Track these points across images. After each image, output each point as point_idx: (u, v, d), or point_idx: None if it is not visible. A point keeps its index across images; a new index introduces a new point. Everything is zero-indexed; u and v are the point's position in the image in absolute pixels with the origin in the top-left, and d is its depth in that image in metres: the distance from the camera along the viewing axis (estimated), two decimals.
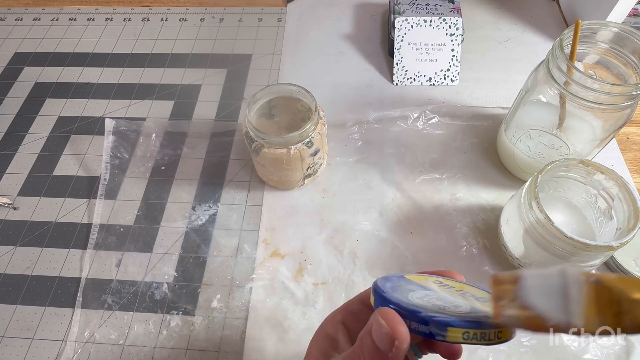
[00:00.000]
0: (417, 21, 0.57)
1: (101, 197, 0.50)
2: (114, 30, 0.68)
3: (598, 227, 0.40)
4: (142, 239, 0.47)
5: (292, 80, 0.59)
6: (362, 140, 0.53)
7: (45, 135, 0.56)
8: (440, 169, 0.50)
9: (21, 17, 0.70)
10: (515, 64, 0.60)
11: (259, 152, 0.43)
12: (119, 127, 0.54)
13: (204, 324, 0.42)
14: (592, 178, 0.38)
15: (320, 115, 0.45)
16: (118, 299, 0.44)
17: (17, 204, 0.51)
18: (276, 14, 0.68)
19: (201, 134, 0.55)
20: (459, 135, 0.53)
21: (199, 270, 0.45)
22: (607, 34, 0.39)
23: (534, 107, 0.42)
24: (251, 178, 0.51)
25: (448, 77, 0.58)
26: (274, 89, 0.45)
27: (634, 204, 0.35)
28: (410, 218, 0.47)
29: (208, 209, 0.49)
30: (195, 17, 0.69)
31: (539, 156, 0.44)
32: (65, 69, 0.63)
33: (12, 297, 0.44)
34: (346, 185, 0.50)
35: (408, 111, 0.54)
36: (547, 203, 0.37)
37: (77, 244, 0.47)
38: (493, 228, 0.46)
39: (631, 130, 0.53)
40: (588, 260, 0.35)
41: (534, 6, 0.66)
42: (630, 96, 0.35)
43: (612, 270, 0.43)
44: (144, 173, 0.52)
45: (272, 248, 0.46)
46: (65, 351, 0.41)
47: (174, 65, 0.62)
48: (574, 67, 0.36)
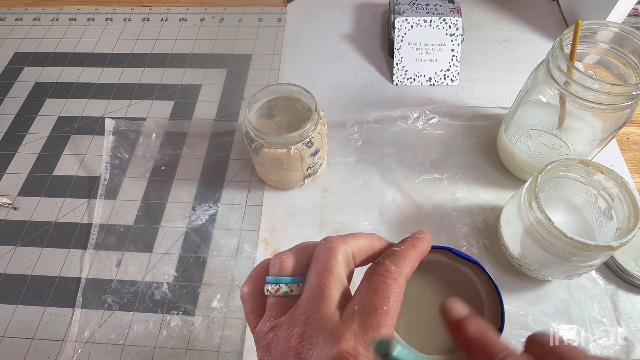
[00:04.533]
0: (417, 21, 0.57)
1: (101, 197, 0.50)
2: (114, 30, 0.68)
3: (598, 227, 0.40)
4: (142, 239, 0.47)
5: (292, 80, 0.59)
6: (362, 140, 0.53)
7: (45, 135, 0.56)
8: (440, 169, 0.50)
9: (21, 17, 0.70)
10: (515, 64, 0.60)
11: (259, 152, 0.43)
12: (119, 127, 0.54)
13: (204, 324, 0.42)
14: (592, 178, 0.38)
15: (320, 115, 0.45)
16: (118, 299, 0.44)
17: (17, 204, 0.51)
18: (276, 14, 0.68)
19: (201, 134, 0.55)
20: (459, 135, 0.53)
21: (199, 270, 0.45)
22: (607, 34, 0.39)
23: (534, 107, 0.42)
24: (251, 178, 0.51)
25: (448, 77, 0.58)
26: (274, 89, 0.45)
27: (634, 204, 0.35)
28: (410, 218, 0.47)
29: (208, 209, 0.49)
30: (195, 17, 0.69)
31: (539, 156, 0.44)
32: (65, 69, 0.63)
33: (12, 297, 0.44)
34: (346, 185, 0.50)
35: (408, 111, 0.54)
36: (547, 203, 0.37)
37: (77, 244, 0.47)
38: (493, 228, 0.46)
39: (631, 130, 0.53)
40: (588, 260, 0.35)
41: (534, 6, 0.66)
42: (630, 96, 0.35)
43: (612, 271, 0.43)
44: (144, 173, 0.52)
45: (272, 248, 0.46)
46: (65, 351, 0.41)
47: (174, 65, 0.62)
48: (574, 67, 0.36)
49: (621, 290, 0.42)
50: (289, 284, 0.24)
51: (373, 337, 0.21)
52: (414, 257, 0.24)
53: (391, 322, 0.21)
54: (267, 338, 0.22)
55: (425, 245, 0.25)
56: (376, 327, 0.21)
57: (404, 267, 0.23)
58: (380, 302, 0.21)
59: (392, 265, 0.23)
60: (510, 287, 0.42)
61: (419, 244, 0.24)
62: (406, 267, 0.23)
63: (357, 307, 0.22)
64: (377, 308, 0.21)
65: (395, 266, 0.23)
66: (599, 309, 0.41)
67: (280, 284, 0.24)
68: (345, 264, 0.24)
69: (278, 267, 0.24)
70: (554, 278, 0.41)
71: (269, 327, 0.23)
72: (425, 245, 0.25)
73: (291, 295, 0.23)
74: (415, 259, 0.24)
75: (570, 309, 0.41)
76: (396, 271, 0.22)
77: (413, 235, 0.25)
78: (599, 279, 0.43)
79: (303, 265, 0.24)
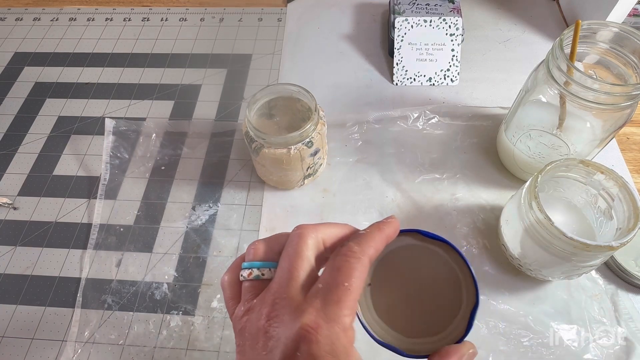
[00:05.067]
0: (417, 21, 0.57)
1: (101, 197, 0.50)
2: (114, 30, 0.68)
3: (598, 227, 0.40)
4: (142, 239, 0.47)
5: (292, 80, 0.59)
6: (362, 140, 0.53)
7: (45, 135, 0.56)
8: (440, 169, 0.50)
9: (21, 17, 0.70)
10: (515, 64, 0.60)
11: (259, 152, 0.43)
12: (119, 127, 0.54)
13: (204, 324, 0.42)
14: (592, 178, 0.38)
15: (320, 115, 0.45)
16: (118, 299, 0.44)
17: (17, 204, 0.51)
18: (276, 14, 0.68)
19: (201, 134, 0.55)
20: (459, 135, 0.53)
21: (199, 270, 0.45)
22: (607, 34, 0.39)
23: (534, 107, 0.42)
24: (251, 178, 0.51)
25: (448, 77, 0.58)
26: (274, 89, 0.45)
27: (634, 204, 0.35)
28: (410, 218, 0.47)
29: (208, 209, 0.49)
30: (195, 17, 0.69)
31: (539, 156, 0.44)
32: (65, 69, 0.63)
33: (12, 297, 0.44)
34: (346, 185, 0.50)
35: (408, 111, 0.54)
36: (547, 203, 0.37)
37: (77, 244, 0.47)
38: (493, 228, 0.46)
39: (631, 130, 0.53)
40: (588, 260, 0.35)
41: (534, 6, 0.66)
42: (630, 96, 0.35)
43: (612, 271, 0.43)
44: (144, 173, 0.52)
45: None
46: (65, 351, 0.41)
47: (174, 65, 0.62)
48: (574, 67, 0.36)
49: (621, 290, 0.42)
50: (260, 268, 0.24)
51: None
52: (379, 238, 0.24)
53: (352, 297, 0.22)
54: (242, 322, 0.23)
55: (391, 229, 0.25)
56: (337, 302, 0.21)
57: (367, 248, 0.23)
58: (342, 278, 0.22)
59: (355, 246, 0.23)
60: (510, 287, 0.42)
61: (384, 227, 0.25)
62: (370, 248, 0.24)
63: (321, 285, 0.22)
64: (339, 284, 0.22)
65: (358, 246, 0.23)
66: (599, 309, 0.41)
67: (252, 268, 0.25)
68: (315, 248, 0.24)
69: (252, 254, 0.25)
70: (554, 278, 0.41)
71: (243, 312, 0.23)
72: (392, 229, 0.25)
73: (263, 279, 0.24)
74: (380, 240, 0.25)
75: (570, 309, 0.41)
76: (359, 251, 0.23)
77: (381, 220, 0.26)
78: (599, 279, 0.43)
79: (275, 252, 0.25)
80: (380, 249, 0.25)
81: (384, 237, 0.25)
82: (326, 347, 0.21)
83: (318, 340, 0.21)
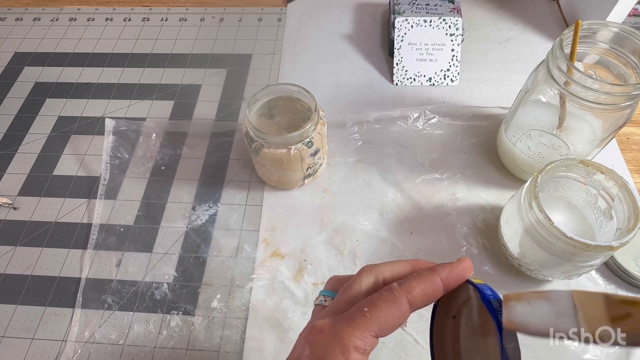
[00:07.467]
0: (417, 21, 0.57)
1: (101, 197, 0.50)
2: (114, 30, 0.68)
3: (598, 227, 0.40)
4: (142, 239, 0.47)
5: (292, 80, 0.59)
6: (362, 140, 0.53)
7: (45, 135, 0.56)
8: (440, 169, 0.50)
9: (21, 17, 0.70)
10: (515, 64, 0.60)
11: (259, 152, 0.43)
12: (119, 127, 0.54)
13: (204, 324, 0.42)
14: (592, 178, 0.38)
15: (320, 115, 0.45)
16: (118, 299, 0.44)
17: (17, 204, 0.51)
18: (276, 14, 0.68)
19: (201, 134, 0.55)
20: (459, 135, 0.53)
21: (199, 270, 0.45)
22: (607, 34, 0.39)
23: (534, 107, 0.42)
24: (251, 178, 0.51)
25: (448, 77, 0.58)
26: (274, 89, 0.45)
27: (634, 204, 0.35)
28: (410, 218, 0.47)
29: (208, 209, 0.49)
30: (195, 17, 0.69)
31: (539, 156, 0.44)
32: (65, 69, 0.63)
33: (12, 297, 0.44)
34: (346, 185, 0.50)
35: (408, 111, 0.54)
36: (547, 203, 0.37)
37: (77, 244, 0.47)
38: (493, 228, 0.46)
39: (631, 130, 0.53)
40: (588, 260, 0.35)
41: (534, 6, 0.66)
42: (630, 96, 0.35)
43: (612, 271, 0.43)
44: (144, 173, 0.52)
45: (272, 248, 0.46)
46: (65, 351, 0.41)
47: (174, 65, 0.62)
48: (574, 67, 0.36)
49: (621, 290, 0.42)
50: (324, 296, 0.28)
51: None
52: (429, 280, 0.23)
53: (367, 324, 0.22)
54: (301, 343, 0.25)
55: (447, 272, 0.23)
56: (349, 320, 0.22)
57: (410, 288, 0.23)
58: (365, 305, 0.22)
59: (397, 285, 0.23)
60: (510, 287, 0.42)
61: (440, 269, 0.24)
62: (413, 288, 0.23)
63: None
64: (360, 308, 0.23)
65: (399, 285, 0.23)
66: None
67: (320, 295, 0.28)
68: (369, 284, 0.25)
69: (327, 284, 0.29)
70: (554, 278, 0.41)
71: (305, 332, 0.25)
72: (448, 273, 0.23)
73: (324, 305, 0.27)
74: (430, 283, 0.23)
75: None
76: (397, 289, 0.23)
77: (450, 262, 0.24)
78: (599, 279, 0.43)
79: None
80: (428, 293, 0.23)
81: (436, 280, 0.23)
82: (318, 351, 0.22)
83: (315, 341, 0.22)
